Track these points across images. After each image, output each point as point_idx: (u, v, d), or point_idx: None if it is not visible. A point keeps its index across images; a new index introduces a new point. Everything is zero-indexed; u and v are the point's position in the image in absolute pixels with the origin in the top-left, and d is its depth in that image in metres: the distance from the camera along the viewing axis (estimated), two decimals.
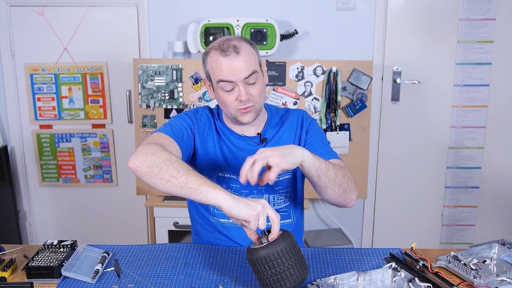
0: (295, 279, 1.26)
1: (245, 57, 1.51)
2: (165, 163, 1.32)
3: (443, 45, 2.98)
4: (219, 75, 1.52)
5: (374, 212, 3.21)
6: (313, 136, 1.69)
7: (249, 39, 1.61)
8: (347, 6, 2.91)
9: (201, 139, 1.66)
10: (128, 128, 3.08)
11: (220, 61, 1.51)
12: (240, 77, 1.51)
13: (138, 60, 2.82)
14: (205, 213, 1.70)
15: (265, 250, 1.25)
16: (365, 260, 1.53)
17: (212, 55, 1.55)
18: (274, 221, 1.25)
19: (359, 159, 2.86)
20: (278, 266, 1.24)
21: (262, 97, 1.60)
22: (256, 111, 1.59)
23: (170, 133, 1.54)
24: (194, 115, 1.69)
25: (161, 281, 1.42)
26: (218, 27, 2.73)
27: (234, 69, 1.50)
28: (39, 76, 3.02)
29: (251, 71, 1.52)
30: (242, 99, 1.53)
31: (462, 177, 3.14)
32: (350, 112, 2.81)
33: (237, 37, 1.58)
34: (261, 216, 1.24)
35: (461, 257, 1.45)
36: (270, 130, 1.69)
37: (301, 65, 2.80)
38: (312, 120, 1.74)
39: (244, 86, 1.53)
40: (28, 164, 3.16)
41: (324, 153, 1.62)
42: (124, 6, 2.95)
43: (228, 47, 1.51)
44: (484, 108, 3.05)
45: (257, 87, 1.55)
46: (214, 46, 1.55)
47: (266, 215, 1.25)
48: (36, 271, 1.40)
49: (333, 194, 1.50)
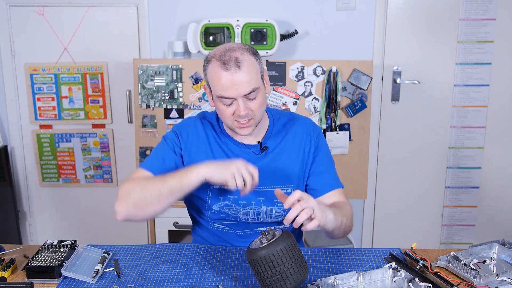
0: (295, 279, 1.26)
1: (247, 72, 1.46)
2: (143, 190, 1.45)
3: (443, 45, 2.98)
4: (219, 90, 1.48)
5: (374, 212, 3.21)
6: (321, 161, 1.66)
7: (253, 48, 1.54)
8: (347, 6, 2.91)
9: (190, 154, 1.62)
10: (128, 128, 3.08)
11: (221, 74, 1.46)
12: (240, 93, 1.46)
13: (138, 60, 2.82)
14: (204, 222, 1.70)
15: (265, 250, 1.25)
16: (365, 260, 1.53)
17: (213, 66, 1.49)
18: (253, 175, 1.39)
19: (359, 159, 2.86)
20: (278, 266, 1.24)
21: (262, 109, 1.55)
22: (255, 124, 1.55)
23: (149, 166, 1.58)
24: (179, 131, 1.64)
25: (161, 281, 1.42)
26: (218, 27, 2.73)
27: (234, 84, 1.45)
28: (39, 76, 3.02)
29: (252, 88, 1.47)
30: (240, 114, 1.49)
31: (462, 177, 3.14)
32: (350, 112, 2.82)
33: (240, 46, 1.51)
34: (236, 175, 1.38)
35: (461, 257, 1.45)
36: (272, 139, 1.65)
37: (301, 65, 2.80)
38: (319, 133, 1.69)
39: (244, 101, 1.48)
40: (28, 164, 3.16)
41: (331, 184, 1.65)
42: (124, 6, 2.95)
43: (229, 60, 1.45)
44: (484, 108, 3.05)
45: (257, 102, 1.50)
46: (216, 56, 1.49)
47: (241, 174, 1.38)
48: (36, 271, 1.41)
49: (336, 236, 1.57)
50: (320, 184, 1.65)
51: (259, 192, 1.61)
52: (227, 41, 2.74)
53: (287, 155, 1.63)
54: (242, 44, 1.53)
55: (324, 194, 1.64)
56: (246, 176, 1.39)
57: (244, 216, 1.63)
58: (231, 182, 1.37)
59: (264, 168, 1.60)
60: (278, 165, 1.62)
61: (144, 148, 2.84)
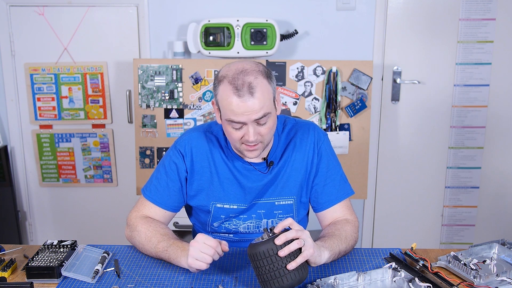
0: (292, 277, 1.26)
1: (260, 98, 1.39)
2: (142, 243, 1.55)
3: (443, 45, 2.98)
4: (229, 114, 1.42)
5: (374, 212, 3.21)
6: (325, 172, 1.61)
7: (267, 69, 1.46)
8: (347, 6, 2.91)
9: (193, 174, 1.59)
10: (128, 128, 3.08)
11: (232, 99, 1.39)
12: (250, 118, 1.41)
13: (138, 60, 2.82)
14: (202, 231, 1.71)
15: (264, 245, 1.26)
16: (365, 260, 1.53)
17: (224, 88, 1.42)
18: (215, 249, 1.39)
19: (359, 159, 2.86)
20: (276, 261, 1.25)
21: (272, 133, 1.50)
22: (264, 147, 1.50)
23: (155, 199, 1.61)
24: (184, 151, 1.59)
25: (161, 281, 1.42)
26: (218, 27, 2.73)
27: (246, 110, 1.39)
28: (39, 76, 3.02)
29: (263, 113, 1.41)
30: (249, 139, 1.44)
31: (462, 177, 3.14)
32: (350, 112, 2.82)
33: (254, 68, 1.43)
34: (196, 262, 1.38)
35: (461, 257, 1.45)
36: (278, 151, 1.60)
37: (301, 65, 2.80)
38: (323, 140, 1.63)
39: (254, 126, 1.43)
40: (28, 164, 3.16)
41: (335, 196, 1.61)
42: (124, 6, 2.95)
43: (242, 85, 1.38)
44: (484, 108, 3.05)
45: (267, 126, 1.45)
46: (228, 77, 1.41)
47: (200, 256, 1.37)
48: (36, 271, 1.41)
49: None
50: (323, 198, 1.61)
51: (259, 204, 1.61)
52: (227, 41, 2.74)
53: (290, 165, 1.59)
54: (256, 64, 1.45)
55: (327, 209, 1.61)
56: (209, 252, 1.37)
57: (245, 230, 1.64)
58: (202, 259, 1.37)
59: (268, 182, 1.59)
60: (281, 176, 1.59)
61: (144, 148, 2.84)
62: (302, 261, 1.29)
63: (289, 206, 1.62)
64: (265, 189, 1.59)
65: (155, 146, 2.83)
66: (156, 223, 1.58)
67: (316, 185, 1.61)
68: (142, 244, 1.54)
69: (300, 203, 1.63)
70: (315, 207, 1.65)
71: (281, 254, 1.26)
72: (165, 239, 1.50)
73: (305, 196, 1.63)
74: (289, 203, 1.61)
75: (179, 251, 1.45)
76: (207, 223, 1.65)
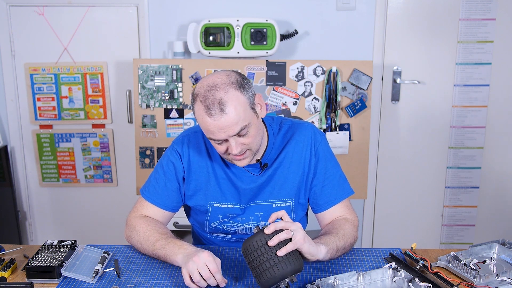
0: (283, 266, 1.27)
1: (233, 113, 1.36)
2: (140, 243, 1.55)
3: (443, 45, 2.98)
4: (207, 133, 1.42)
5: (374, 212, 3.21)
6: (323, 173, 1.59)
7: (238, 79, 1.41)
8: (347, 6, 2.91)
9: (190, 174, 1.60)
10: (128, 128, 3.08)
11: (206, 120, 1.38)
12: (229, 134, 1.39)
13: (138, 60, 2.82)
14: (201, 232, 1.71)
15: (255, 237, 1.29)
16: (365, 260, 1.53)
17: (198, 107, 1.39)
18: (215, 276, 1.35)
19: (359, 159, 2.86)
20: (266, 252, 1.27)
21: (258, 138, 1.47)
22: (253, 153, 1.49)
23: (154, 199, 1.61)
24: (181, 151, 1.59)
25: (161, 281, 1.42)
26: (218, 27, 2.73)
27: (221, 128, 1.37)
28: (39, 76, 3.02)
29: (240, 127, 1.38)
30: (232, 152, 1.42)
31: (462, 177, 3.14)
32: (350, 112, 2.82)
33: (225, 81, 1.38)
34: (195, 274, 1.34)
35: (461, 257, 1.45)
36: (273, 153, 1.58)
37: (301, 65, 2.80)
38: (320, 141, 1.61)
39: (235, 139, 1.41)
40: (28, 164, 3.16)
41: (334, 197, 1.60)
42: (124, 6, 2.95)
43: (213, 103, 1.35)
44: (484, 108, 3.05)
45: (250, 135, 1.42)
46: (200, 95, 1.38)
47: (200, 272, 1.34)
48: (36, 271, 1.41)
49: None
50: (322, 199, 1.61)
51: (257, 206, 1.60)
52: (227, 41, 2.74)
53: (286, 167, 1.58)
54: (227, 75, 1.40)
55: (326, 210, 1.61)
56: (204, 274, 1.33)
57: (242, 232, 1.64)
58: (193, 276, 1.34)
59: (263, 183, 1.58)
60: (277, 178, 1.59)
61: (144, 148, 2.84)
62: (293, 248, 1.29)
63: (286, 208, 1.61)
64: (260, 191, 1.59)
65: (155, 146, 2.83)
66: (155, 222, 1.59)
67: (315, 186, 1.61)
68: (140, 243, 1.55)
69: (298, 204, 1.63)
70: (314, 208, 1.65)
71: (270, 243, 1.27)
72: (163, 237, 1.51)
73: (303, 197, 1.63)
74: (287, 205, 1.61)
75: (176, 248, 1.44)
76: (205, 223, 1.65)
